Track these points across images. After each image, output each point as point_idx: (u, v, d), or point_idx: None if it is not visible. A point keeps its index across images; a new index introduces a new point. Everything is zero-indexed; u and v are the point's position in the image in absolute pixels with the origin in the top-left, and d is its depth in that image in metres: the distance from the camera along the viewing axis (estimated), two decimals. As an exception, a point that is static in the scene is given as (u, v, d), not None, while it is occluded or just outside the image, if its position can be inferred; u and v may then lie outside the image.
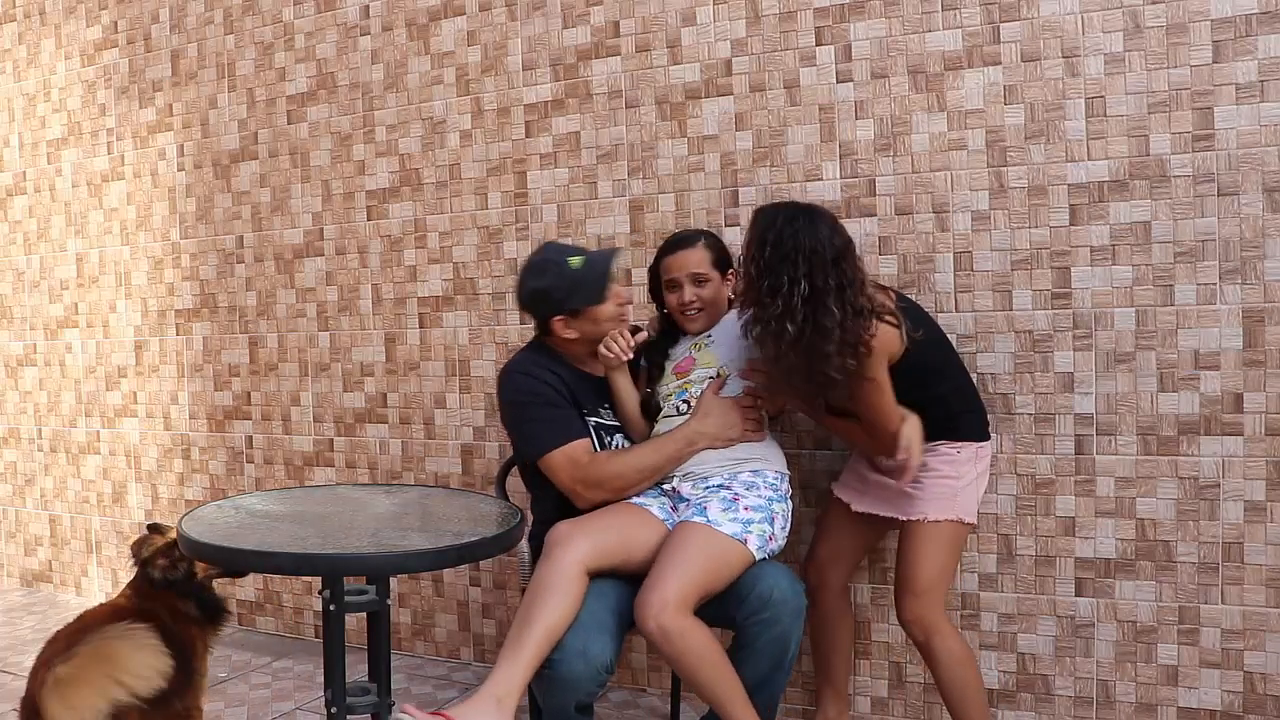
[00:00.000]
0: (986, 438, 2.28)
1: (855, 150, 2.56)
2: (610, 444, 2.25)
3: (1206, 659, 2.30)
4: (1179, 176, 2.27)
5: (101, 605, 2.23)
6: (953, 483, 2.18)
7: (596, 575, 1.99)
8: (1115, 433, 2.35)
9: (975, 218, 2.45)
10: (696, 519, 2.03)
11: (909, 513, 2.21)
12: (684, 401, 2.21)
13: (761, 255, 1.95)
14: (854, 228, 2.55)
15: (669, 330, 2.32)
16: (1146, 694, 2.35)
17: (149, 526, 2.34)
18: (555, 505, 2.20)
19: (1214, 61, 2.22)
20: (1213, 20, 2.22)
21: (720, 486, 2.12)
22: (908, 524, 2.22)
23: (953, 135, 2.46)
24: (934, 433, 2.17)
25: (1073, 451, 2.39)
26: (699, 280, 2.19)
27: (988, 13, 2.41)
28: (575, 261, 2.17)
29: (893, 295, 2.16)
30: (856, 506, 2.33)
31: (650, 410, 2.27)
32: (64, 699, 1.82)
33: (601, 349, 2.17)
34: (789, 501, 2.19)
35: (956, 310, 2.48)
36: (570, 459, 2.14)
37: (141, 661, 1.89)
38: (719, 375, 2.20)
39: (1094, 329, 2.35)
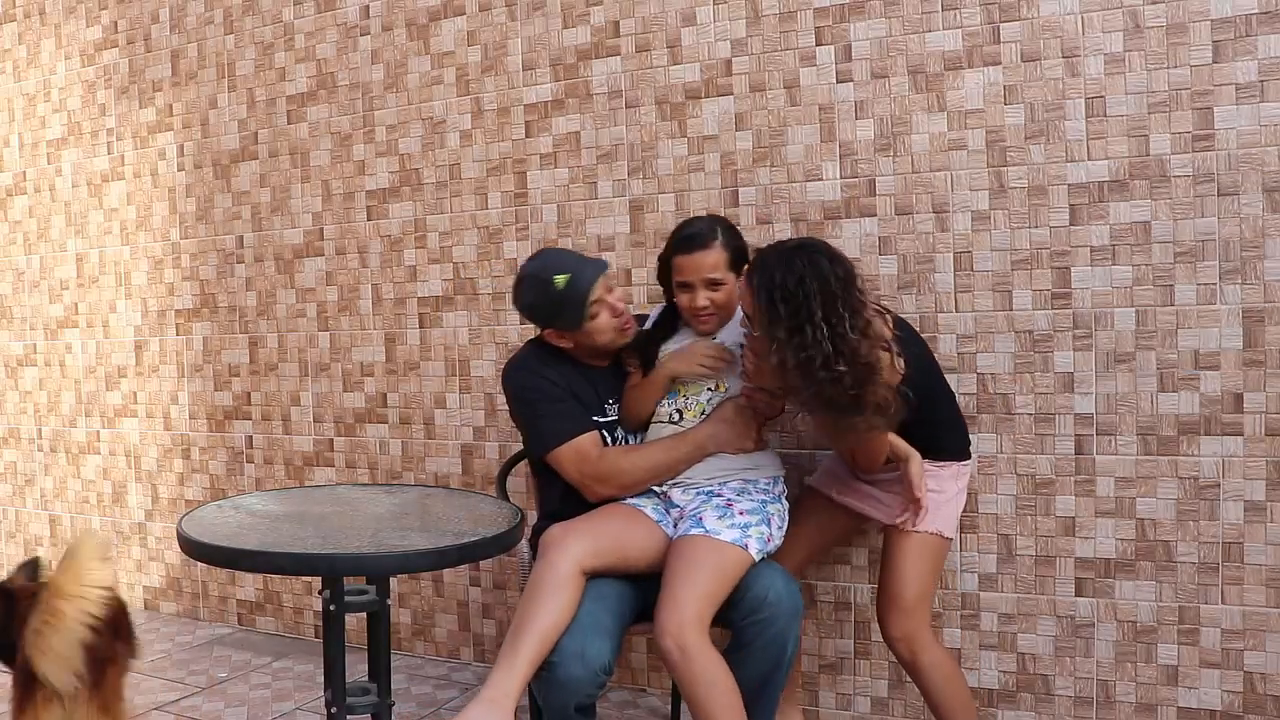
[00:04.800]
0: (967, 457, 2.28)
1: (855, 150, 2.56)
2: (613, 441, 2.25)
3: (1206, 659, 2.30)
4: (1179, 176, 2.27)
5: None
6: (935, 496, 2.18)
7: (593, 576, 1.99)
8: (1115, 433, 2.35)
9: (975, 218, 2.45)
10: (695, 531, 2.02)
11: (886, 517, 2.23)
12: (676, 411, 2.19)
13: (772, 309, 1.88)
14: (854, 228, 2.56)
15: (668, 321, 2.26)
16: (1146, 694, 2.35)
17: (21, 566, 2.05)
18: (561, 497, 2.21)
19: (1214, 61, 2.22)
20: (1213, 20, 2.22)
21: (712, 494, 2.12)
22: (890, 538, 2.23)
23: (953, 135, 2.46)
24: (918, 450, 2.18)
25: (1073, 451, 2.39)
26: (714, 284, 2.11)
27: (988, 13, 2.41)
28: (560, 281, 2.12)
29: (889, 321, 2.09)
30: (839, 497, 2.32)
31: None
32: None
33: (672, 367, 2.17)
34: (783, 502, 2.19)
35: (956, 310, 2.48)
36: (578, 453, 2.15)
37: None
38: (717, 387, 2.18)
39: (1094, 329, 2.35)
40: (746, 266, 2.05)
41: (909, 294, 2.51)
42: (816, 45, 2.59)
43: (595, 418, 2.23)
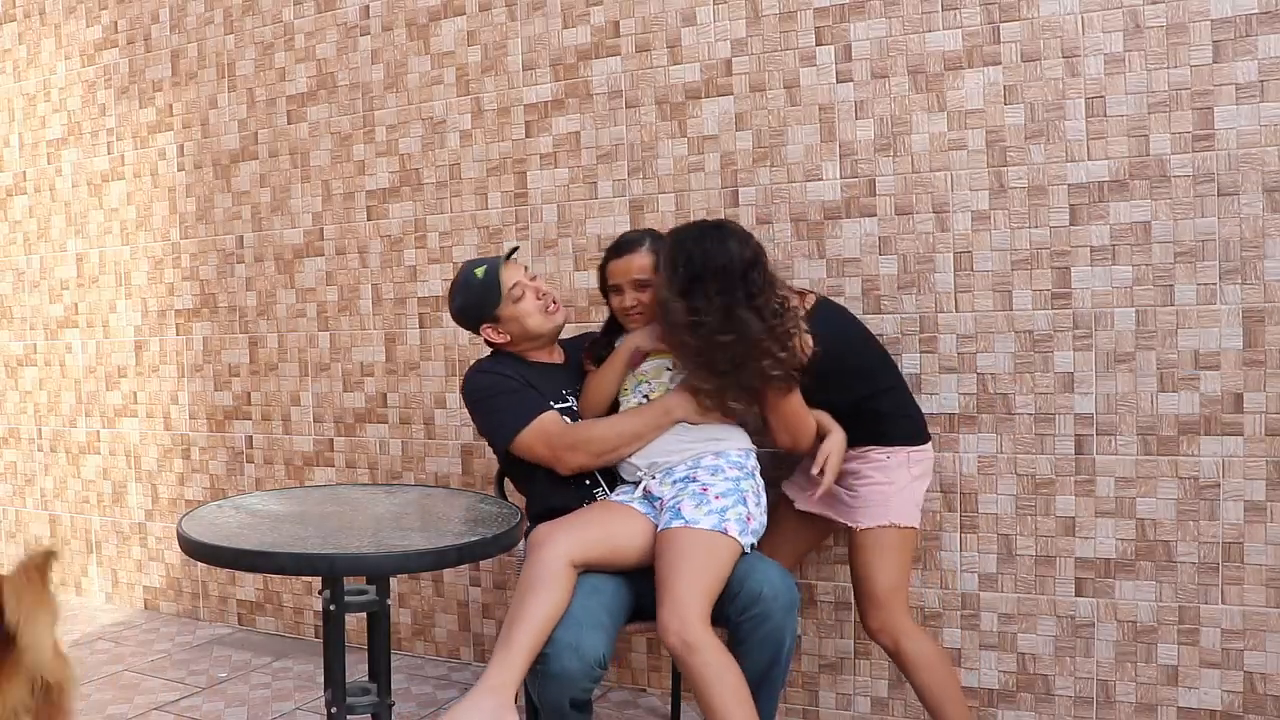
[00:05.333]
0: (920, 441, 2.29)
1: (855, 150, 2.56)
2: None
3: (1206, 659, 2.30)
4: (1179, 176, 2.27)
5: None
6: (884, 488, 2.21)
7: (585, 570, 2.00)
8: (1115, 433, 2.35)
9: (975, 218, 2.45)
10: (675, 523, 2.03)
11: (845, 518, 2.26)
12: (644, 397, 2.22)
13: (674, 278, 2.05)
14: (854, 228, 2.56)
15: (617, 328, 2.34)
16: (1146, 694, 2.35)
17: None
18: (546, 495, 2.22)
19: (1214, 61, 2.22)
20: (1213, 20, 2.22)
21: (687, 480, 2.12)
22: (851, 537, 2.27)
23: (953, 135, 2.46)
24: (863, 437, 2.24)
25: (1073, 451, 2.39)
26: (640, 285, 2.22)
27: (988, 13, 2.41)
28: (479, 272, 2.30)
29: (811, 300, 2.24)
30: (799, 505, 2.38)
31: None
32: None
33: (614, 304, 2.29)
34: (757, 477, 2.19)
35: (956, 310, 2.48)
36: (541, 430, 2.18)
37: None
38: (675, 365, 2.22)
39: (1094, 329, 2.35)
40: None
41: (909, 294, 2.51)
42: (816, 45, 2.59)
43: (553, 403, 2.25)
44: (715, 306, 2.01)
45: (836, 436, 2.20)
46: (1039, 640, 2.44)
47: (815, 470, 2.17)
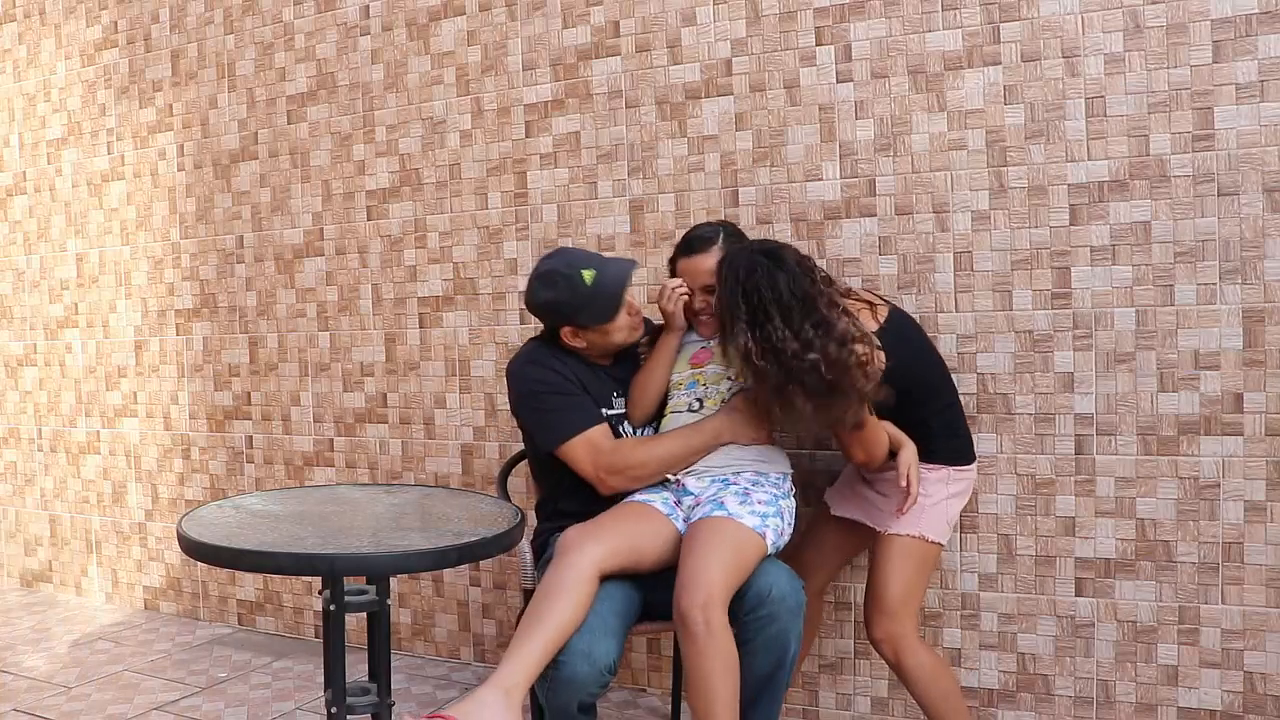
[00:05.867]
0: (965, 462, 2.27)
1: (855, 150, 2.56)
2: (623, 435, 2.24)
3: (1206, 659, 2.30)
4: (1179, 176, 2.27)
5: None
6: (920, 499, 2.19)
7: (606, 578, 1.99)
8: (1115, 433, 2.35)
9: (975, 218, 2.45)
10: (718, 513, 2.02)
11: (875, 521, 2.25)
12: (697, 400, 2.19)
13: (731, 311, 2.00)
14: (854, 228, 2.56)
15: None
16: (1146, 694, 2.35)
17: None
18: (565, 495, 2.21)
19: (1214, 61, 2.22)
20: (1213, 20, 2.22)
21: (728, 482, 2.13)
22: (877, 541, 2.25)
23: (953, 135, 2.46)
24: None
25: (1073, 451, 2.39)
26: (709, 289, 2.16)
27: (988, 13, 2.41)
28: (588, 276, 2.12)
29: (883, 312, 2.17)
30: (835, 510, 2.37)
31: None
32: None
33: (663, 305, 2.21)
34: (792, 500, 2.20)
35: (956, 310, 2.48)
36: (592, 445, 2.13)
37: None
38: (737, 377, 2.16)
39: (1094, 329, 2.35)
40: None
41: (909, 294, 2.51)
42: (816, 45, 2.59)
43: (604, 409, 2.22)
44: (787, 339, 1.94)
45: (910, 449, 2.14)
46: (1039, 640, 2.44)
47: (902, 483, 2.12)
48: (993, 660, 2.49)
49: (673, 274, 2.27)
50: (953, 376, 2.36)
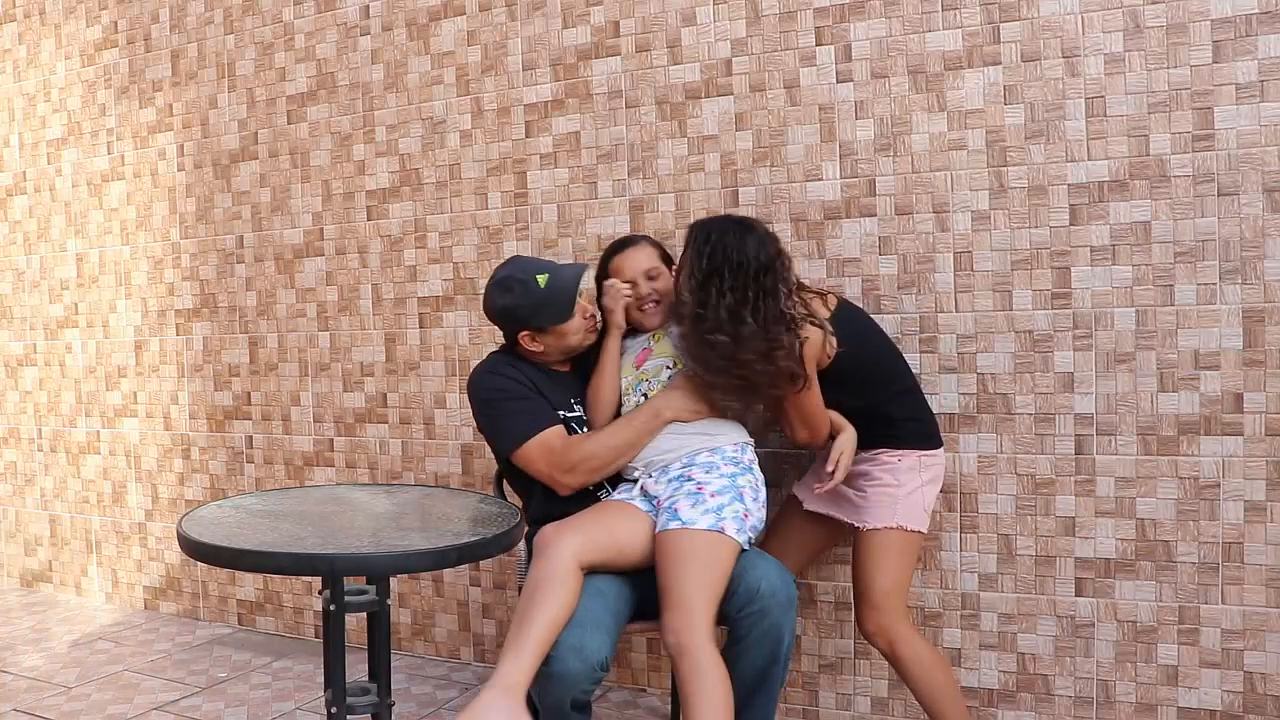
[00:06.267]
0: (933, 446, 2.29)
1: (855, 150, 2.56)
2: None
3: (1206, 659, 2.30)
4: (1179, 176, 2.27)
5: None
6: (893, 490, 2.21)
7: (590, 572, 2.00)
8: (1115, 433, 2.35)
9: (975, 218, 2.45)
10: (673, 525, 2.02)
11: (852, 518, 2.26)
12: (644, 397, 2.22)
13: (695, 269, 2.06)
14: (854, 228, 2.56)
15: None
16: (1146, 694, 2.35)
17: None
18: (545, 501, 2.22)
19: (1214, 61, 2.22)
20: (1213, 20, 2.22)
21: (683, 478, 2.12)
22: (856, 537, 2.27)
23: (953, 135, 2.46)
24: (874, 440, 2.24)
25: (1073, 451, 2.39)
26: (652, 275, 2.25)
27: (988, 13, 2.41)
28: (541, 279, 2.19)
29: (833, 301, 2.24)
30: (807, 505, 2.38)
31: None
32: None
33: (605, 303, 2.27)
34: (755, 471, 2.18)
35: (956, 310, 2.48)
36: (545, 446, 2.15)
37: None
38: (675, 364, 2.22)
39: (1094, 329, 2.35)
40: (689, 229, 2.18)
41: (909, 294, 2.51)
42: (816, 45, 2.59)
43: (562, 412, 2.24)
44: (723, 304, 2.01)
45: (848, 434, 2.21)
46: (1039, 640, 2.44)
47: (829, 467, 2.17)
48: (993, 660, 2.49)
49: (604, 277, 2.32)
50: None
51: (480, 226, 3.07)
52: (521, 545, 2.23)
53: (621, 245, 2.33)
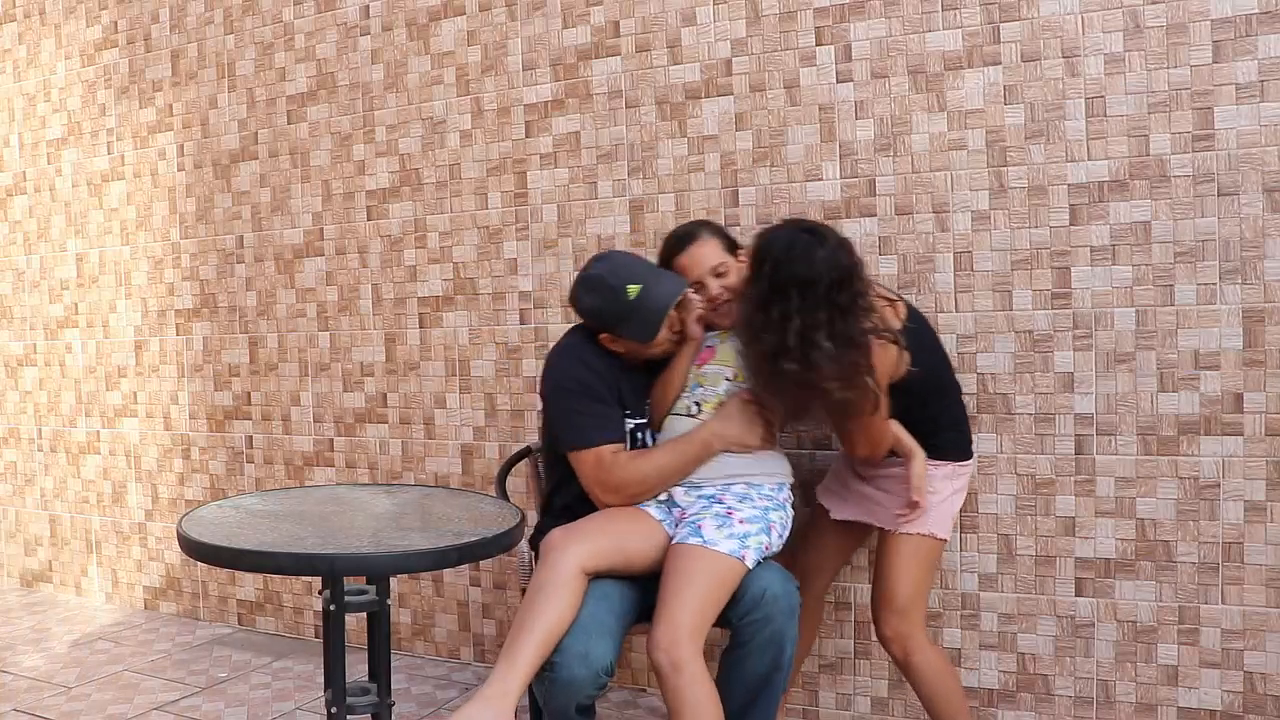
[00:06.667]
0: (967, 457, 2.27)
1: (855, 150, 2.56)
2: (638, 443, 2.23)
3: (1206, 659, 2.30)
4: (1179, 176, 2.27)
5: None
6: (929, 496, 2.17)
7: (596, 577, 1.99)
8: (1115, 433, 2.35)
9: (975, 218, 2.45)
10: (692, 540, 2.00)
11: (884, 521, 2.23)
12: (695, 403, 2.17)
13: (758, 285, 1.94)
14: (854, 228, 2.56)
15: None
16: (1146, 694, 2.35)
17: None
18: (569, 495, 2.20)
19: (1214, 61, 2.22)
20: (1213, 20, 2.22)
21: (714, 499, 2.10)
22: (883, 539, 2.24)
23: (953, 135, 2.46)
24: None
25: (1073, 451, 2.39)
26: (719, 272, 2.16)
27: (988, 13, 2.41)
28: (633, 291, 2.08)
29: (902, 310, 2.12)
30: (835, 514, 2.35)
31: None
32: None
33: (681, 315, 2.15)
34: (788, 509, 2.16)
35: (956, 310, 2.48)
36: (599, 460, 2.12)
37: None
38: (736, 377, 2.15)
39: (1094, 329, 2.35)
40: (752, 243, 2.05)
41: (909, 294, 2.51)
42: (816, 45, 2.59)
43: (630, 415, 2.20)
44: (791, 328, 1.87)
45: (920, 459, 2.11)
46: (1039, 640, 2.44)
47: (914, 496, 2.10)
48: (993, 660, 2.49)
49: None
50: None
51: (480, 226, 3.07)
52: (523, 545, 2.23)
53: (683, 241, 2.20)
